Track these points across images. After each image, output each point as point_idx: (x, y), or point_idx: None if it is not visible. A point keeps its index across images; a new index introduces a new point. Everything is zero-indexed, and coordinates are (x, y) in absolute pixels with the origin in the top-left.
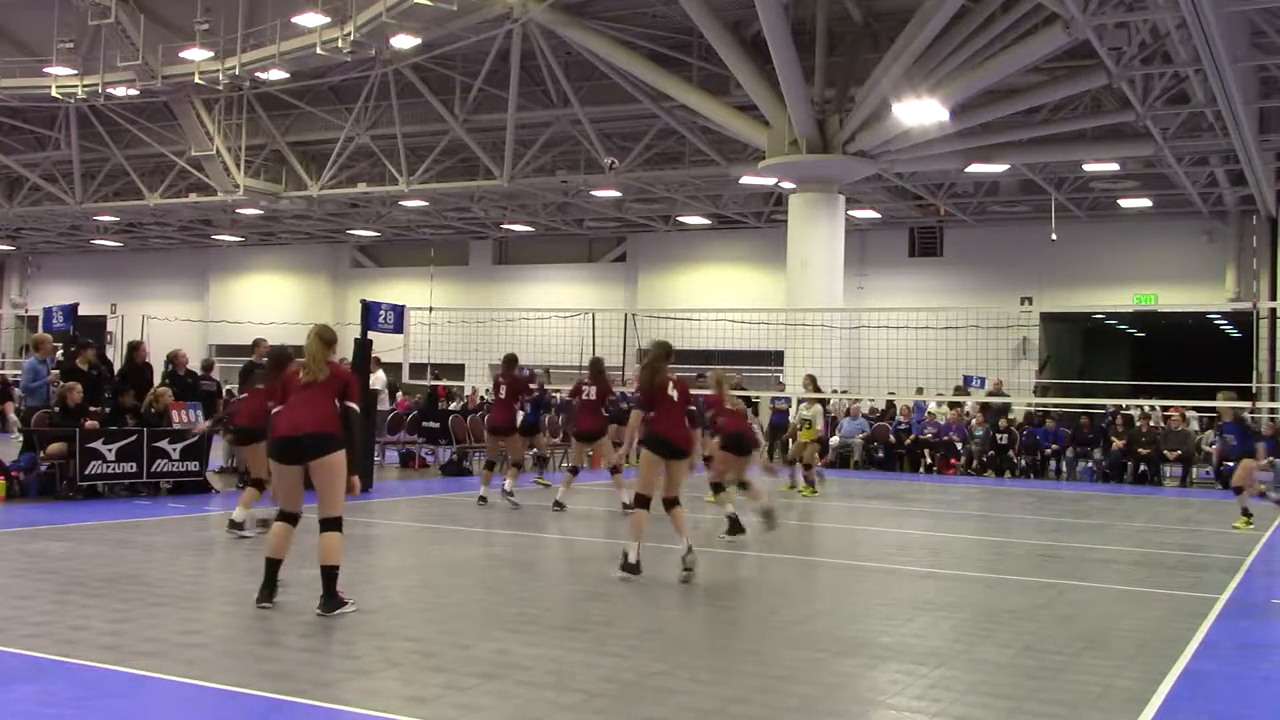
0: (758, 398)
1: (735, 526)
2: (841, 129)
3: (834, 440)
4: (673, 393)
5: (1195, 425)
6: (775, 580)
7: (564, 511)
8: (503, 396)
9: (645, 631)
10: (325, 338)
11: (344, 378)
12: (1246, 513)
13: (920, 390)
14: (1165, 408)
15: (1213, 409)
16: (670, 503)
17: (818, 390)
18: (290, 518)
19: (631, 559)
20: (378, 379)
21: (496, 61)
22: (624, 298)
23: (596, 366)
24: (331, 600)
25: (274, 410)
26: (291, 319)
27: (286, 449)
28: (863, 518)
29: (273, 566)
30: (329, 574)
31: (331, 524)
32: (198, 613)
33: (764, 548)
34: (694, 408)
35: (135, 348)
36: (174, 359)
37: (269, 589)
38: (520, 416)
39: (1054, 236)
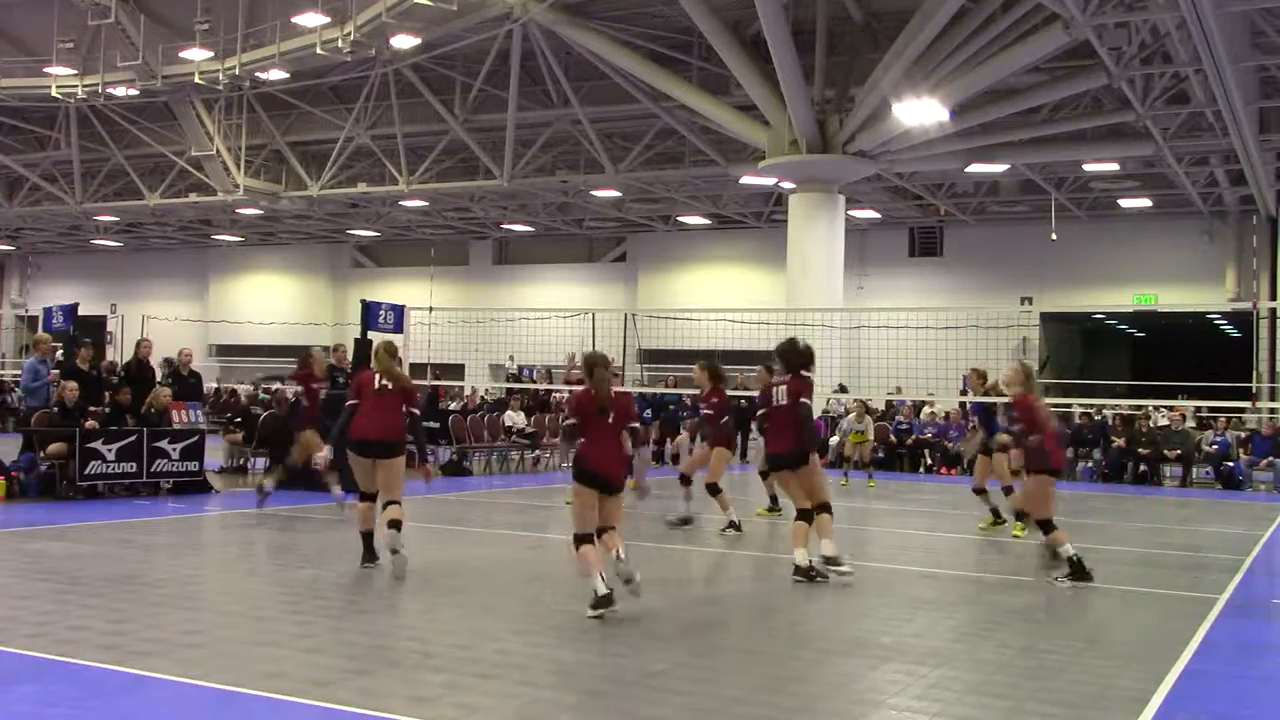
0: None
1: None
2: (841, 129)
3: (833, 440)
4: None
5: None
6: (775, 580)
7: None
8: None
9: (645, 631)
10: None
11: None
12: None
13: (930, 393)
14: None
15: (1210, 409)
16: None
17: (868, 411)
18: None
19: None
20: None
21: (496, 61)
22: (624, 298)
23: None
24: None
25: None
26: (291, 319)
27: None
28: (863, 518)
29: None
30: (392, 526)
31: (390, 502)
32: (198, 613)
33: (764, 548)
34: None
35: (140, 345)
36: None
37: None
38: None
39: (1054, 236)
